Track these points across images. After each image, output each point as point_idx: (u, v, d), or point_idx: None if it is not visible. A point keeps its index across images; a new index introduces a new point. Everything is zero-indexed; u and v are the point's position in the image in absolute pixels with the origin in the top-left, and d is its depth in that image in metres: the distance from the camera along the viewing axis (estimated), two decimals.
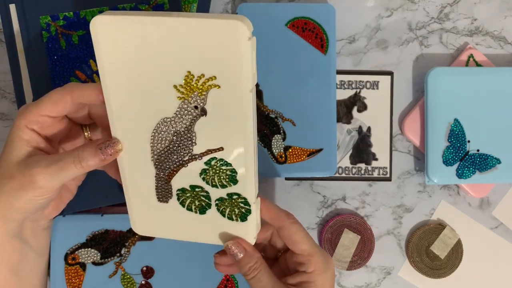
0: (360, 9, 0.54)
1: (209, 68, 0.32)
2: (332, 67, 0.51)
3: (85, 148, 0.36)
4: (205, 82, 0.33)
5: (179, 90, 0.34)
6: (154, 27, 0.32)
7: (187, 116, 0.34)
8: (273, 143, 0.51)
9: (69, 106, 0.37)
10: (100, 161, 0.36)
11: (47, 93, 0.37)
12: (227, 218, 0.38)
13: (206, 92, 0.33)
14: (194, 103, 0.34)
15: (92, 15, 0.48)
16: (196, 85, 0.33)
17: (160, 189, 0.38)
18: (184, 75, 0.33)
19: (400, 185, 0.55)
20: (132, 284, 0.48)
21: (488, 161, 0.52)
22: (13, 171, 0.36)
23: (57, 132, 0.39)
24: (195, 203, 0.38)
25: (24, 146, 0.37)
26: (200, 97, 0.34)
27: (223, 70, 0.32)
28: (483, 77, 0.51)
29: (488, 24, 0.55)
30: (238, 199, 0.37)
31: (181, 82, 0.33)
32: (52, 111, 0.36)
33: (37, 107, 0.37)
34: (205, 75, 0.33)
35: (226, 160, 0.35)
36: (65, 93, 0.36)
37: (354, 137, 0.54)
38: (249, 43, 0.31)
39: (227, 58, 0.31)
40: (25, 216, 0.38)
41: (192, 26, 0.31)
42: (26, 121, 0.37)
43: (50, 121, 0.37)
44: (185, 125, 0.35)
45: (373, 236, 0.53)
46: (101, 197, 0.48)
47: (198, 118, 0.34)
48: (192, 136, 0.35)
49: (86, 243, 0.48)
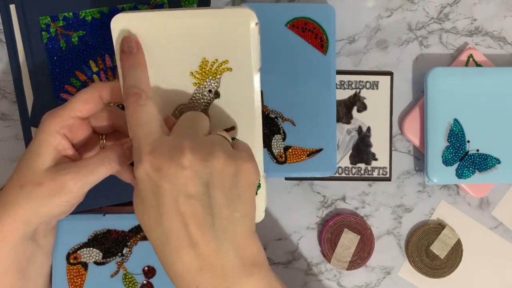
0: (360, 9, 0.54)
1: (222, 53, 0.36)
2: (332, 67, 0.51)
3: (112, 149, 0.38)
4: (218, 67, 0.37)
5: (195, 77, 0.37)
6: (171, 20, 0.36)
7: (202, 100, 0.37)
8: (273, 143, 0.51)
9: (99, 104, 0.38)
10: (127, 160, 0.38)
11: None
12: None
13: (219, 76, 0.37)
14: (208, 87, 0.37)
15: (91, 15, 0.48)
16: (210, 70, 0.37)
17: None
18: (200, 61, 0.36)
19: (400, 185, 0.55)
20: (134, 284, 0.48)
21: (487, 161, 0.52)
22: (41, 178, 0.37)
23: (82, 137, 0.40)
24: None
25: (51, 153, 0.37)
26: (213, 81, 0.37)
27: (235, 53, 0.36)
28: (483, 77, 0.51)
29: (487, 24, 0.55)
30: None
31: (196, 68, 0.37)
32: (83, 109, 0.38)
33: (67, 109, 0.37)
34: (219, 60, 0.36)
35: (237, 139, 0.38)
36: (95, 91, 0.38)
37: (354, 137, 0.54)
38: (256, 27, 0.36)
39: (239, 42, 0.36)
40: (47, 220, 0.39)
41: (207, 15, 0.35)
42: (56, 125, 0.37)
43: (78, 123, 0.38)
44: (200, 110, 0.38)
45: (373, 236, 0.53)
46: (103, 197, 0.48)
47: (212, 101, 0.38)
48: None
49: (88, 243, 0.48)
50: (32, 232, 0.39)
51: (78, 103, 0.37)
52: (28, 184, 0.37)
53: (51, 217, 0.39)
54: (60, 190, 0.36)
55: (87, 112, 0.38)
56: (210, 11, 0.36)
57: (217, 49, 0.36)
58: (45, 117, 0.38)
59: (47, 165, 0.37)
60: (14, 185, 0.37)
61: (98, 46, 0.49)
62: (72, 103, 0.37)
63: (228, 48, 0.36)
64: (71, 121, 0.38)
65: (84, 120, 0.39)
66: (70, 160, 0.39)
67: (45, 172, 0.37)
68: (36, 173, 0.37)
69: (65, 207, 0.38)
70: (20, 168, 0.38)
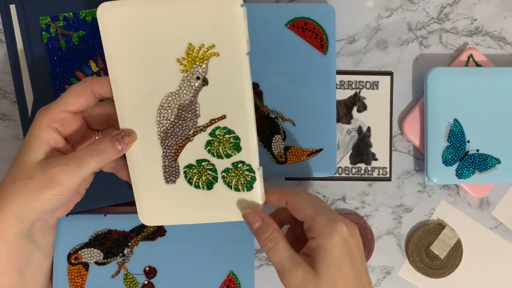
0: (360, 9, 0.54)
1: (208, 38, 0.36)
2: (332, 67, 0.51)
3: (102, 141, 0.37)
4: (205, 52, 0.36)
5: (181, 63, 0.36)
6: (156, 6, 0.35)
7: (190, 87, 0.37)
8: (273, 143, 0.51)
9: (91, 98, 0.38)
10: (117, 152, 0.37)
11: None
12: (233, 190, 0.39)
13: (207, 61, 0.36)
14: (196, 74, 0.36)
15: (91, 15, 0.48)
16: (197, 56, 0.36)
17: (167, 169, 0.39)
18: (185, 47, 0.36)
19: (400, 185, 0.55)
20: (135, 284, 0.48)
21: (487, 161, 0.52)
22: (31, 172, 0.37)
23: (75, 131, 0.40)
24: (202, 178, 0.39)
25: (43, 146, 0.37)
26: (201, 67, 0.36)
27: (221, 37, 0.36)
28: (483, 77, 0.51)
29: (487, 24, 0.55)
30: (243, 166, 0.39)
31: (183, 54, 0.36)
32: (75, 103, 0.38)
33: (59, 103, 0.38)
34: (205, 45, 0.36)
35: (229, 128, 0.38)
36: (86, 85, 0.38)
37: (354, 137, 0.54)
38: (241, 9, 0.35)
39: (224, 25, 0.35)
40: (40, 216, 0.39)
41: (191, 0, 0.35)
42: (48, 120, 0.37)
43: (71, 117, 0.38)
44: (188, 98, 0.37)
45: (373, 236, 0.54)
46: (103, 197, 0.48)
47: (200, 89, 0.37)
48: (196, 108, 0.38)
49: (89, 243, 0.48)
50: (28, 230, 0.39)
51: (69, 97, 0.38)
52: (20, 179, 0.37)
53: (44, 212, 0.38)
54: (50, 183, 0.36)
55: (78, 106, 0.38)
56: None
57: (203, 34, 0.36)
58: (38, 112, 0.38)
59: (38, 158, 0.37)
60: (7, 181, 0.38)
61: (98, 46, 0.49)
62: (63, 97, 0.38)
63: (214, 32, 0.35)
64: (62, 115, 0.38)
65: (76, 114, 0.39)
66: (62, 154, 0.39)
67: (36, 166, 0.37)
68: (27, 167, 0.37)
69: (57, 201, 0.37)
70: (13, 164, 0.38)
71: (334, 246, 0.37)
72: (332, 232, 0.37)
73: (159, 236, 0.48)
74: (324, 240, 0.37)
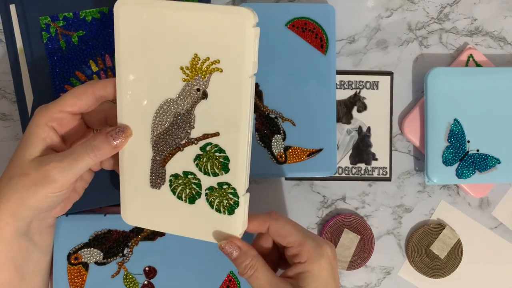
0: (360, 9, 0.54)
1: (214, 52, 0.35)
2: (332, 67, 0.51)
3: (96, 137, 0.37)
4: (209, 65, 0.35)
5: (184, 72, 0.36)
6: (171, 10, 0.35)
7: (189, 98, 0.36)
8: (273, 143, 0.51)
9: (91, 101, 0.38)
10: (111, 148, 0.37)
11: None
12: (215, 210, 0.38)
13: (209, 75, 0.35)
14: (196, 85, 0.36)
15: (91, 15, 0.48)
16: (201, 68, 0.35)
17: (154, 173, 0.39)
18: (191, 57, 0.35)
19: (400, 185, 0.55)
20: (135, 284, 0.48)
21: (487, 161, 0.52)
22: (26, 169, 0.37)
23: (73, 131, 0.40)
24: (185, 191, 0.39)
25: (39, 144, 0.37)
26: (202, 80, 0.36)
27: (227, 54, 0.35)
28: (483, 77, 0.51)
29: (487, 24, 0.55)
30: (228, 189, 0.38)
31: (187, 64, 0.36)
32: (74, 105, 0.38)
33: (59, 103, 0.38)
34: (210, 59, 0.35)
35: (220, 147, 0.37)
36: (88, 87, 0.38)
37: (354, 137, 0.54)
38: (253, 30, 0.34)
39: (232, 42, 0.34)
40: (36, 214, 0.38)
41: (204, 9, 0.34)
42: (45, 118, 0.37)
43: (69, 118, 0.38)
44: (186, 107, 0.37)
45: (373, 236, 0.54)
46: (103, 197, 0.48)
47: (199, 101, 0.36)
48: (191, 119, 0.37)
49: (89, 243, 0.48)
50: (25, 228, 0.39)
51: (69, 98, 0.37)
52: (15, 176, 0.37)
53: (40, 211, 0.38)
54: (44, 180, 0.36)
55: (77, 108, 0.38)
56: (208, 6, 0.34)
57: (210, 47, 0.35)
58: (36, 110, 0.38)
59: (33, 155, 0.37)
60: (4, 178, 0.38)
61: (98, 46, 0.49)
62: (63, 98, 0.38)
63: (221, 48, 0.34)
64: (60, 114, 0.38)
65: (75, 115, 0.39)
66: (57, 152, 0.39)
67: (30, 163, 0.37)
68: (22, 164, 0.37)
69: (53, 199, 0.37)
70: (10, 161, 0.38)
71: (321, 270, 0.38)
72: (320, 256, 0.38)
73: (159, 236, 0.48)
74: (313, 265, 0.38)
